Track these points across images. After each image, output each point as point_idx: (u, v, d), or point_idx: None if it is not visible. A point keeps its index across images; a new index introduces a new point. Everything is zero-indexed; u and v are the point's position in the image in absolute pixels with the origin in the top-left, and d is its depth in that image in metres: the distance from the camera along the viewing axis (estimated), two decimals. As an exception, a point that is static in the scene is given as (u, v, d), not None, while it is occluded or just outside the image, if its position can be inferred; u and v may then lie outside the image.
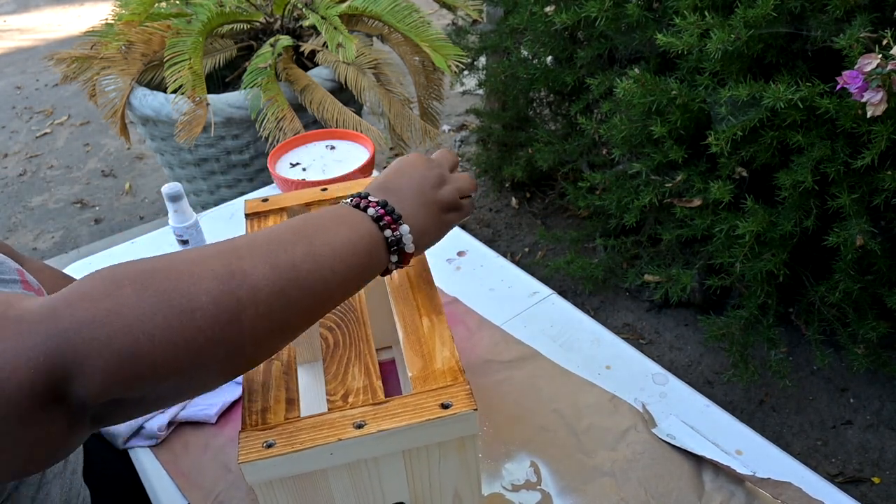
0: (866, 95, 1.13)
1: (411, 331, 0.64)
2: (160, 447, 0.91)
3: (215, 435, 0.92)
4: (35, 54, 4.51)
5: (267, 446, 0.54)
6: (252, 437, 0.55)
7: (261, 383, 0.60)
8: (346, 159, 1.26)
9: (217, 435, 0.92)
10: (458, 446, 0.58)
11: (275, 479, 0.55)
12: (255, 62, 2.06)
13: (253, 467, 0.54)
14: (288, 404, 0.58)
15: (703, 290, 1.98)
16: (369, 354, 0.63)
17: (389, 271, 0.61)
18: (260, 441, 0.55)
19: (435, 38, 2.11)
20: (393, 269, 0.61)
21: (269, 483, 0.55)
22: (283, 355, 0.63)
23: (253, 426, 0.56)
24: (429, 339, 0.63)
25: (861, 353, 1.56)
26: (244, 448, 0.54)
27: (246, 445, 0.55)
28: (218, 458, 0.88)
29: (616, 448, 0.86)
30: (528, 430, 0.89)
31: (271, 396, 0.59)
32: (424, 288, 0.69)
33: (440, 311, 0.66)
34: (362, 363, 0.62)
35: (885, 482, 1.66)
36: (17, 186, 3.16)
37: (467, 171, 2.88)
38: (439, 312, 0.66)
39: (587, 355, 0.99)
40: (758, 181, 1.55)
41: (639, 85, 1.50)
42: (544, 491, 0.82)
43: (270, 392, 0.59)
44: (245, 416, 0.57)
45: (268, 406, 0.58)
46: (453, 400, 0.57)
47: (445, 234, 0.67)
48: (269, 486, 0.55)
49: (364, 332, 0.65)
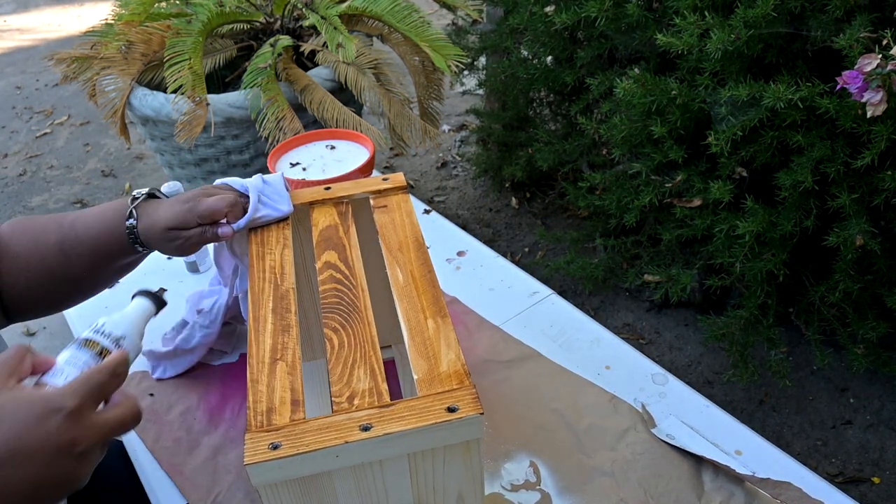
0: (866, 95, 1.13)
1: (416, 333, 0.64)
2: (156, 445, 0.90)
3: (208, 433, 0.92)
4: (35, 54, 4.51)
5: (273, 448, 0.54)
6: (258, 439, 0.55)
7: (265, 384, 0.60)
8: (346, 159, 1.26)
9: (211, 433, 0.92)
10: (462, 450, 0.58)
11: (280, 482, 0.55)
12: (255, 62, 2.06)
13: (259, 469, 0.53)
14: (293, 405, 0.58)
15: (703, 290, 1.97)
16: (374, 356, 0.62)
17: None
18: (266, 443, 0.55)
19: (435, 38, 2.11)
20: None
21: (274, 485, 0.55)
22: (288, 356, 0.63)
23: (258, 428, 0.56)
24: (434, 341, 0.63)
25: (861, 353, 1.56)
26: (250, 450, 0.54)
27: (252, 447, 0.54)
28: (216, 459, 0.88)
29: (616, 448, 0.86)
30: (527, 429, 0.89)
31: (276, 397, 0.59)
32: (429, 289, 0.69)
33: (445, 313, 0.66)
34: (367, 365, 0.62)
35: (885, 482, 1.66)
36: (17, 186, 3.16)
37: (467, 171, 2.88)
38: (444, 315, 0.66)
39: (587, 355, 0.99)
40: (758, 181, 1.55)
41: (639, 85, 1.50)
42: (543, 491, 0.82)
43: (276, 393, 0.59)
44: (250, 417, 0.57)
45: (273, 407, 0.58)
46: (459, 404, 0.57)
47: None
48: (274, 488, 0.55)
49: (369, 334, 0.65)
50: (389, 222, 0.78)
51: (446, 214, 2.22)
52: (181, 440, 0.91)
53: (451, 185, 2.85)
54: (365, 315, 0.67)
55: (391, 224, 0.77)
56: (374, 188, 0.82)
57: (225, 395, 0.97)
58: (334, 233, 0.76)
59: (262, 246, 0.75)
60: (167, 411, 0.95)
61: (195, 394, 0.98)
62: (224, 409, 0.95)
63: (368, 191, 0.82)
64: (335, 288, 0.69)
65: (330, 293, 0.69)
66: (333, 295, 0.69)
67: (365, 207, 0.82)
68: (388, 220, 0.78)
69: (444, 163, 2.99)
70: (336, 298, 0.68)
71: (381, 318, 0.70)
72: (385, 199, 0.81)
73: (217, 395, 0.98)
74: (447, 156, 3.04)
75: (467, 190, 2.81)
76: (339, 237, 0.76)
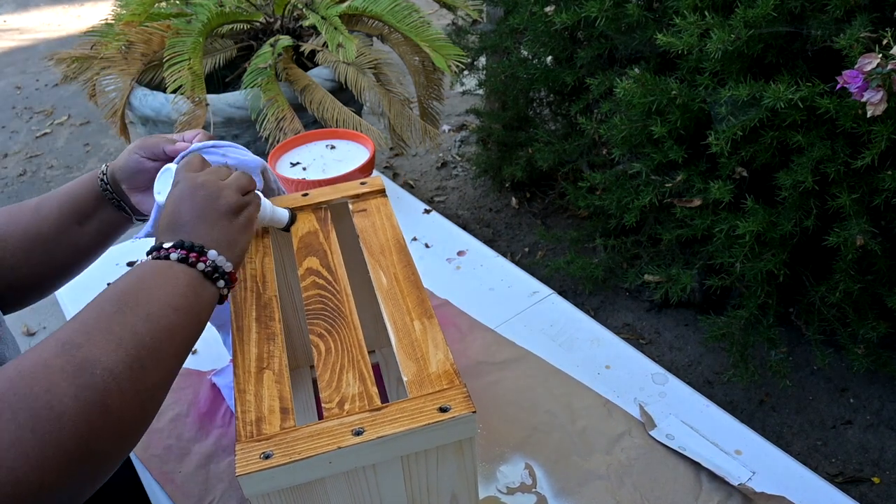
0: (866, 95, 1.13)
1: (403, 335, 0.64)
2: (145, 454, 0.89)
3: (198, 441, 0.91)
4: (35, 54, 4.51)
5: (265, 457, 0.53)
6: (248, 449, 0.54)
7: (253, 393, 0.59)
8: (346, 159, 1.26)
9: (202, 441, 0.91)
10: (455, 450, 0.58)
11: (273, 491, 0.54)
12: (255, 62, 2.06)
13: (251, 479, 0.52)
14: (283, 414, 0.57)
15: (703, 290, 1.97)
16: (362, 360, 0.62)
17: (225, 296, 0.63)
18: (257, 452, 0.54)
19: (435, 38, 2.11)
20: (227, 292, 0.63)
21: (266, 496, 0.54)
22: (275, 364, 0.62)
23: (248, 437, 0.55)
24: (422, 342, 0.63)
25: (861, 353, 1.56)
26: (241, 460, 0.53)
27: (243, 458, 0.53)
28: (208, 467, 0.87)
29: (611, 452, 0.85)
30: (522, 431, 0.89)
31: (265, 406, 0.58)
32: (414, 291, 0.68)
33: (431, 314, 0.66)
34: (356, 369, 0.61)
35: (885, 482, 1.66)
36: (17, 186, 3.16)
37: (467, 171, 2.88)
38: (430, 315, 0.65)
39: (587, 355, 0.99)
40: (758, 181, 1.55)
41: (639, 85, 1.50)
42: (539, 494, 0.81)
43: (264, 402, 0.58)
44: (239, 427, 0.56)
45: (262, 416, 0.57)
46: (451, 403, 0.57)
47: (251, 233, 0.67)
48: (266, 498, 0.54)
49: (356, 338, 0.64)
50: (370, 226, 0.77)
51: (446, 214, 2.22)
52: (171, 448, 0.90)
53: (451, 185, 2.85)
54: (350, 319, 0.66)
55: (371, 228, 0.77)
56: (353, 192, 0.82)
57: (215, 402, 0.96)
58: (315, 239, 0.76)
59: None
60: (157, 418, 0.94)
61: (185, 400, 0.97)
62: (215, 416, 0.94)
63: (347, 195, 0.81)
64: (319, 294, 0.69)
65: (314, 299, 0.68)
66: (317, 301, 0.68)
67: (344, 213, 0.81)
68: (369, 223, 0.77)
69: (444, 163, 2.99)
70: (320, 304, 0.68)
71: (364, 323, 0.70)
72: (364, 203, 0.81)
73: (207, 402, 0.96)
74: (447, 156, 3.04)
75: (467, 190, 2.81)
76: (319, 243, 0.75)
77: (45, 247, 0.76)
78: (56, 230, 0.76)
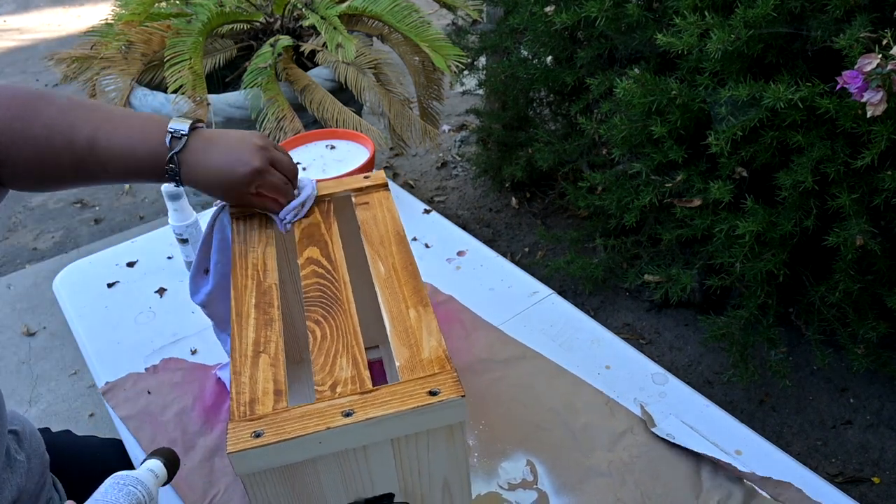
0: (866, 95, 1.13)
1: (398, 322, 0.65)
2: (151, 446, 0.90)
3: (203, 434, 0.92)
4: (35, 54, 4.51)
5: (255, 436, 0.54)
6: (240, 428, 0.55)
7: (248, 376, 0.60)
8: (346, 159, 1.26)
9: (207, 434, 0.92)
10: (446, 434, 0.59)
11: (263, 471, 0.55)
12: (255, 62, 2.06)
13: (242, 457, 0.54)
14: (276, 395, 0.58)
15: (703, 290, 1.97)
16: (357, 345, 0.63)
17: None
18: (248, 431, 0.55)
19: (435, 38, 2.11)
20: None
21: (257, 474, 0.55)
22: (271, 349, 0.63)
23: (241, 417, 0.56)
24: (416, 329, 0.64)
25: (861, 353, 1.56)
26: (233, 438, 0.54)
27: (234, 436, 0.55)
28: (212, 460, 0.88)
29: (612, 450, 0.85)
30: (524, 428, 0.89)
31: (259, 388, 0.59)
32: (410, 280, 0.70)
33: (426, 302, 0.67)
34: (350, 354, 0.62)
35: (885, 482, 1.66)
36: (17, 186, 3.15)
37: (467, 171, 2.88)
38: (426, 304, 0.66)
39: (587, 355, 0.99)
40: (758, 181, 1.55)
41: (639, 85, 1.50)
42: (541, 490, 0.82)
43: (258, 384, 0.60)
44: (233, 408, 0.57)
45: (256, 397, 0.58)
46: (441, 387, 0.57)
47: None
48: (257, 477, 0.56)
49: (351, 324, 0.65)
50: (371, 218, 0.78)
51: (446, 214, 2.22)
52: (176, 441, 0.91)
53: (451, 185, 2.85)
54: (347, 307, 0.67)
55: (373, 220, 0.78)
56: (356, 186, 0.83)
57: (220, 396, 0.97)
58: (317, 230, 0.77)
59: (245, 244, 0.75)
60: (162, 412, 0.95)
61: (190, 394, 0.98)
62: (220, 410, 0.95)
63: (350, 189, 0.82)
64: (317, 282, 0.70)
65: (312, 287, 0.69)
66: (316, 289, 0.69)
67: (347, 205, 0.82)
68: (370, 216, 0.79)
69: (444, 163, 2.99)
70: (318, 292, 0.69)
71: (368, 319, 0.71)
72: (366, 197, 0.82)
73: (212, 396, 0.97)
74: (447, 156, 3.04)
75: (467, 190, 2.81)
76: (321, 234, 0.76)
77: (58, 171, 0.72)
78: (87, 175, 0.72)
